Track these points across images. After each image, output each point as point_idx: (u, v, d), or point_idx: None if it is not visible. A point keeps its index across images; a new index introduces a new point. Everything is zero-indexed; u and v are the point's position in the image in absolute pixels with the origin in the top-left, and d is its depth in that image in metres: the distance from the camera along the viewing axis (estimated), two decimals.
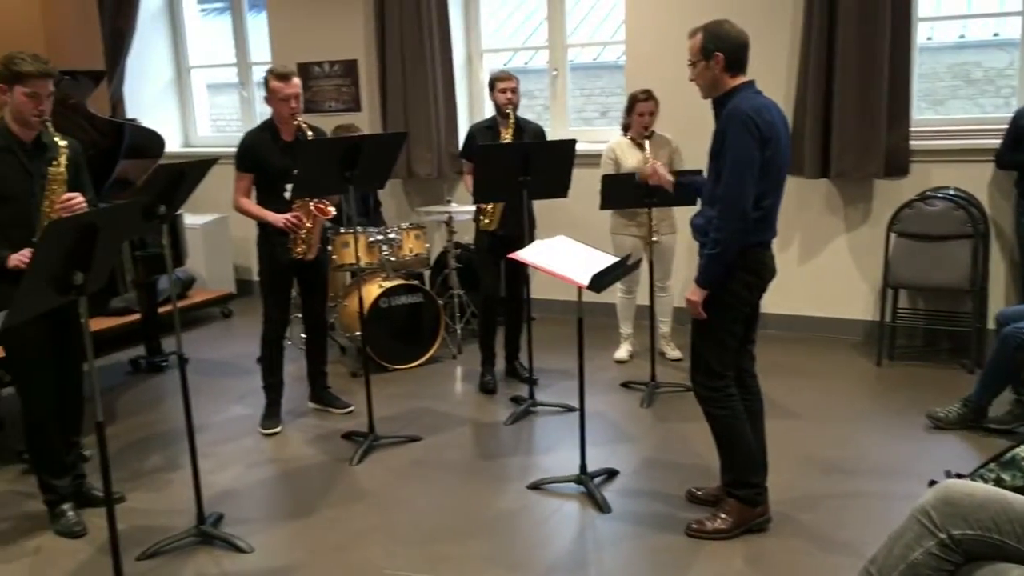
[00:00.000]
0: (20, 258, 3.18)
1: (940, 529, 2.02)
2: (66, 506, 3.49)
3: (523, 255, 3.59)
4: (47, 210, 3.24)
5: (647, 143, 4.78)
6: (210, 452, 4.13)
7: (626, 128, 4.97)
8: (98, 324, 5.61)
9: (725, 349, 3.11)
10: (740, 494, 3.20)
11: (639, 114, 4.80)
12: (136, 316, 5.74)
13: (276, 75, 4.07)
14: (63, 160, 3.26)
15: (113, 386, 5.22)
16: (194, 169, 3.25)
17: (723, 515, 3.22)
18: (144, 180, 3.03)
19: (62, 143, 3.27)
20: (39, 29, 5.89)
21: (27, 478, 3.91)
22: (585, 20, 8.41)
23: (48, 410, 3.44)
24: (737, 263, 2.98)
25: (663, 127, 4.94)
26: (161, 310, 5.71)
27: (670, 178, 3.66)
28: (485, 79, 6.45)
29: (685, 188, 3.66)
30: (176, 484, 3.87)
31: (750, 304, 3.14)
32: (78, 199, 3.26)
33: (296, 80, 4.09)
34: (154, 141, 5.36)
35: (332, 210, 4.18)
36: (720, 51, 2.97)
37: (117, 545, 2.73)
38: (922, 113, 5.48)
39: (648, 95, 4.79)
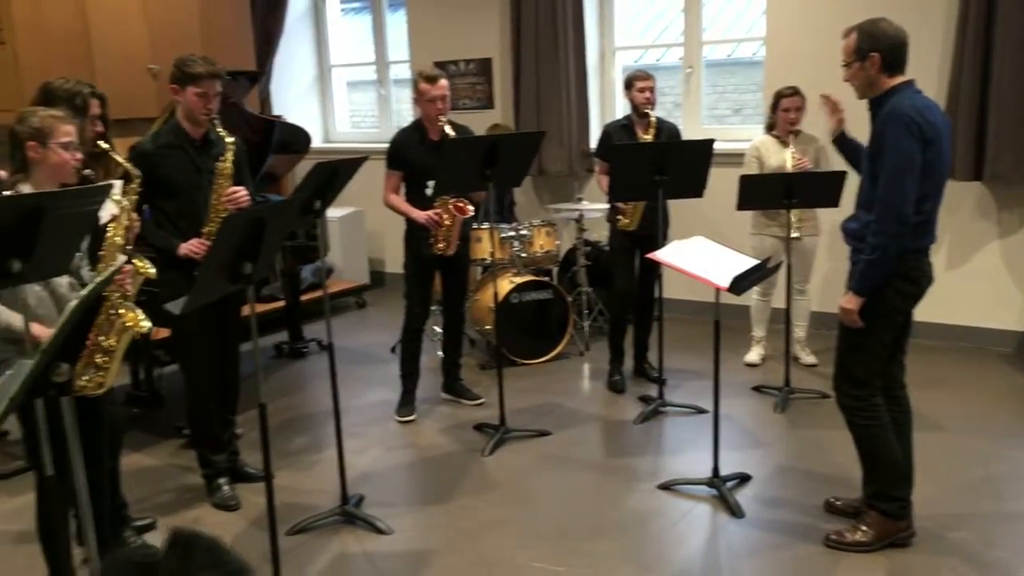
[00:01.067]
0: (189, 247, 3.43)
1: None
2: (222, 480, 3.73)
3: (662, 256, 3.58)
4: (214, 203, 3.47)
5: (792, 141, 4.68)
6: (350, 435, 4.29)
7: (771, 126, 4.86)
8: (249, 310, 5.94)
9: (873, 358, 3.01)
10: (884, 507, 3.10)
11: (784, 110, 4.69)
12: (280, 303, 6.04)
13: (425, 77, 4.20)
14: (229, 156, 3.48)
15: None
16: (346, 167, 3.41)
17: (864, 527, 3.13)
18: (304, 177, 3.19)
19: (229, 139, 3.49)
20: (197, 32, 6.28)
21: (184, 452, 4.20)
22: (720, 15, 8.25)
23: (209, 389, 3.68)
24: (894, 270, 2.88)
25: (808, 127, 4.80)
26: (303, 298, 5.99)
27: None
28: (617, 76, 6.46)
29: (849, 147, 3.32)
30: (320, 465, 4.06)
31: (904, 313, 3.03)
32: (242, 193, 3.48)
33: (443, 82, 4.20)
34: (301, 137, 5.62)
35: (471, 209, 4.28)
36: (876, 51, 2.87)
37: (274, 520, 2.90)
38: None
39: (794, 91, 4.68)
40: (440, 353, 5.01)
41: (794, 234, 4.64)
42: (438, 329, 5.19)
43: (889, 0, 4.36)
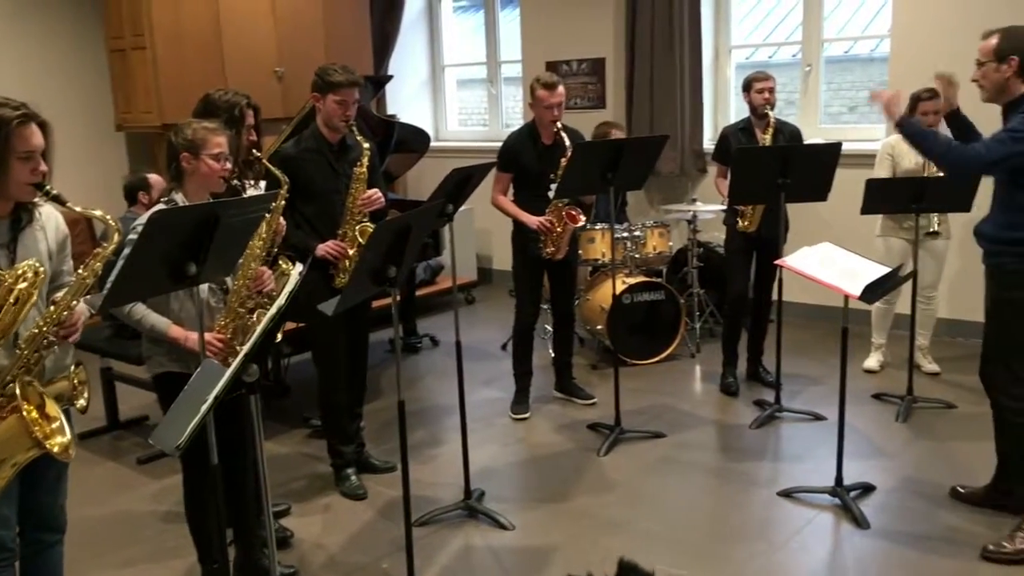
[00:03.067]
0: (326, 248, 3.59)
1: None
2: (350, 470, 3.89)
3: (790, 262, 3.54)
4: (350, 206, 3.62)
5: None
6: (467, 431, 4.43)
7: None
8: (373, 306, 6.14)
9: None
10: None
11: (922, 113, 4.55)
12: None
13: (543, 84, 4.24)
14: (365, 161, 3.62)
15: (373, 364, 5.68)
16: (478, 171, 3.51)
17: (1022, 535, 3.05)
18: (441, 182, 3.31)
19: (365, 144, 3.63)
20: (320, 36, 6.52)
21: (311, 441, 4.40)
22: (836, 11, 8.04)
23: (340, 382, 3.84)
24: None
25: (944, 126, 4.63)
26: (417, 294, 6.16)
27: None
28: (731, 75, 6.38)
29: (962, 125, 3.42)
30: (439, 458, 4.19)
31: None
32: (377, 195, 3.62)
33: (561, 89, 4.24)
34: (420, 137, 5.76)
35: (582, 219, 4.33)
36: (1016, 55, 2.85)
37: (409, 511, 3.01)
38: None
39: (933, 94, 4.53)
40: (551, 352, 5.08)
41: (934, 228, 4.51)
42: (548, 328, 5.25)
43: None
